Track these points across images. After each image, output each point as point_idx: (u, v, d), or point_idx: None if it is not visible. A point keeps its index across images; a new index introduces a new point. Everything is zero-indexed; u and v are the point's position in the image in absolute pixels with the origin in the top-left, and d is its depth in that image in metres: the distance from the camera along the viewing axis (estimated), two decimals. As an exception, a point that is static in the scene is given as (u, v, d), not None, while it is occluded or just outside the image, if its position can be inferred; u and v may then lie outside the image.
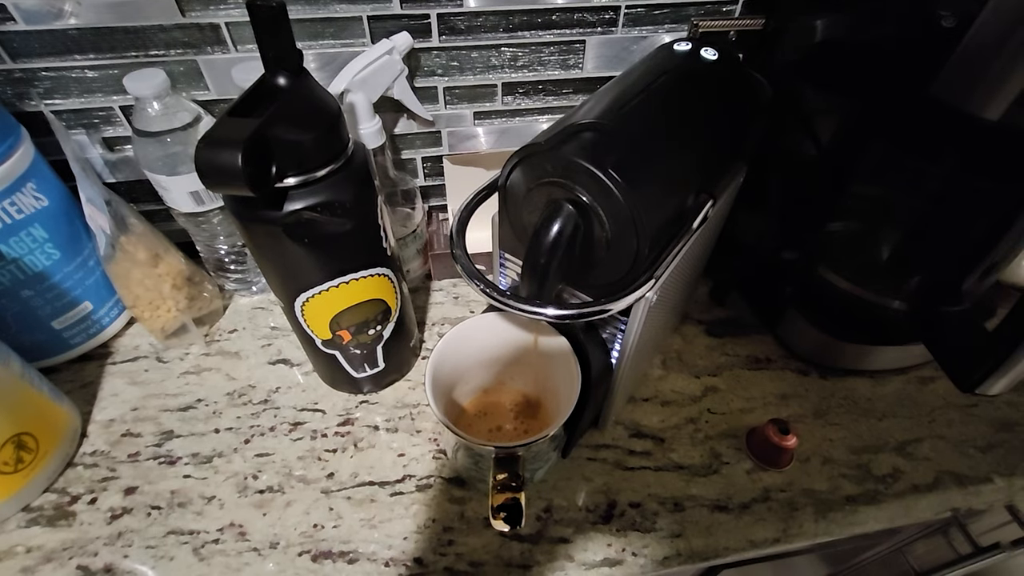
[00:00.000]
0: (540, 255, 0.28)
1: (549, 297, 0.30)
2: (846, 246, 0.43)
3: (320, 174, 0.30)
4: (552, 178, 0.28)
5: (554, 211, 0.28)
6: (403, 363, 0.46)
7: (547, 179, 0.29)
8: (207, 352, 0.48)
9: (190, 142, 0.42)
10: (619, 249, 0.29)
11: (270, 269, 0.35)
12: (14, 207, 0.38)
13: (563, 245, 0.28)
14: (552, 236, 0.27)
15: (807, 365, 0.48)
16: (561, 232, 0.27)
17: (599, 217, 0.28)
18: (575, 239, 0.28)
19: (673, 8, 0.47)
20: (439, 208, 0.58)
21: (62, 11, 0.39)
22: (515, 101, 0.51)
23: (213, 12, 0.41)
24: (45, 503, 0.38)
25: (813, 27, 0.41)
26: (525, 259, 0.29)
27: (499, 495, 0.31)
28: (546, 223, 0.28)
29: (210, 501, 0.39)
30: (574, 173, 0.27)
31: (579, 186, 0.28)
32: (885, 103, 0.36)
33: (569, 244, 0.28)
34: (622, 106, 0.30)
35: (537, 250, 0.28)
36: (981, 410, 0.45)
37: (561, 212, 0.28)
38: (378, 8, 0.43)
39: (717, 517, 0.39)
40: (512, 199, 0.32)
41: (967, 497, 0.40)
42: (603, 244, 0.29)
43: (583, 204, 0.28)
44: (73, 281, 0.43)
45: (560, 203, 0.28)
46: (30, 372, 0.39)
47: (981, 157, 0.33)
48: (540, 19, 0.46)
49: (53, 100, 0.44)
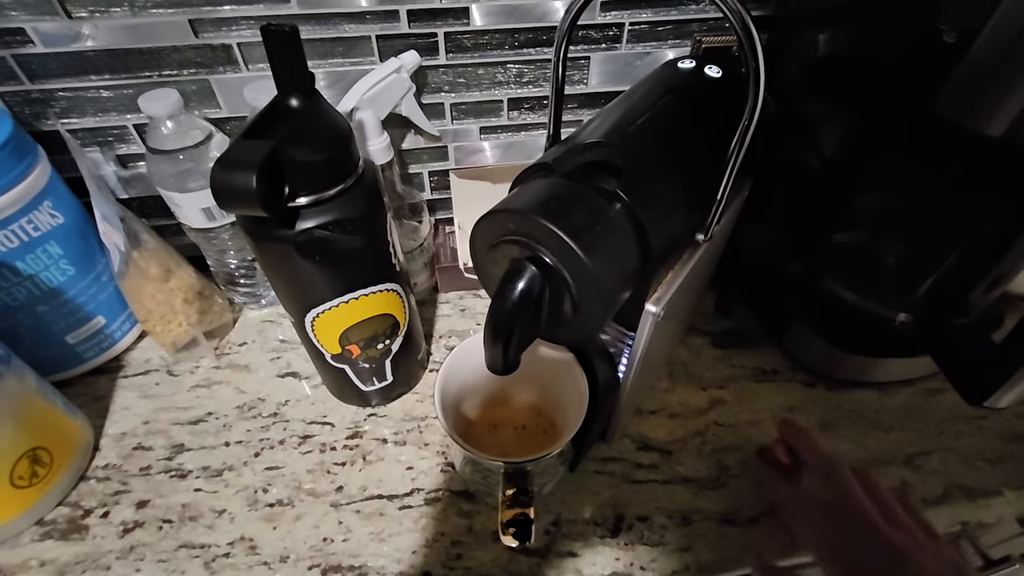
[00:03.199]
0: (501, 319, 0.26)
1: (515, 363, 0.27)
2: (851, 258, 0.43)
3: (331, 193, 0.31)
4: (513, 236, 0.26)
5: (515, 272, 0.25)
6: (411, 376, 0.47)
7: (508, 237, 0.27)
8: (217, 365, 0.49)
9: (202, 159, 0.42)
10: (587, 310, 0.27)
11: (281, 286, 0.36)
12: (31, 225, 0.39)
13: (529, 307, 0.25)
14: (514, 299, 0.25)
15: (814, 377, 0.48)
16: (525, 293, 0.25)
17: (563, 279, 0.26)
18: (541, 299, 0.26)
19: (676, 25, 0.48)
20: (445, 221, 0.59)
21: (80, 34, 0.40)
22: (520, 116, 0.52)
23: (225, 33, 0.42)
24: (58, 517, 0.39)
25: (815, 42, 0.41)
26: (486, 324, 0.26)
27: (509, 510, 0.31)
28: (507, 286, 0.25)
29: (220, 515, 0.39)
30: (536, 231, 0.25)
31: (541, 246, 0.25)
32: (887, 118, 0.36)
33: (534, 305, 0.26)
34: (628, 125, 0.31)
35: (499, 313, 0.25)
36: (990, 422, 0.45)
37: (524, 272, 0.25)
38: (386, 28, 0.44)
39: (725, 531, 0.39)
40: (478, 256, 0.30)
41: (977, 510, 0.40)
42: (572, 304, 0.27)
43: (546, 264, 0.26)
44: (87, 296, 0.44)
45: (522, 262, 0.26)
46: (44, 387, 0.39)
47: (984, 172, 0.34)
48: (545, 36, 0.47)
49: (69, 119, 0.45)
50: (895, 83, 0.35)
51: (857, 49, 0.38)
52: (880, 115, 0.37)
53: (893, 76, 0.35)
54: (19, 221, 0.38)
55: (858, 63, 0.38)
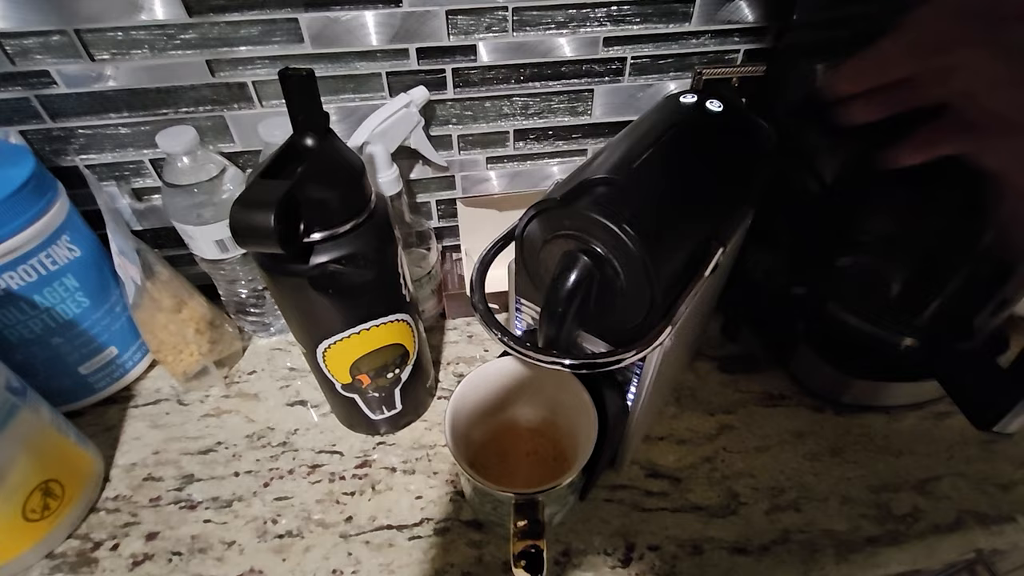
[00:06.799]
0: (557, 303, 0.29)
1: (566, 344, 0.31)
2: (854, 282, 0.43)
3: (345, 229, 0.32)
4: (568, 231, 0.29)
5: (571, 262, 0.29)
6: (420, 404, 0.47)
7: (563, 231, 0.30)
8: (227, 394, 0.49)
9: (216, 192, 0.43)
10: (633, 298, 0.30)
11: (294, 318, 0.36)
12: (49, 259, 0.40)
13: (579, 294, 0.29)
14: (569, 285, 0.29)
15: (821, 401, 0.48)
16: (578, 282, 0.29)
17: (613, 268, 0.29)
18: (591, 288, 0.29)
19: (677, 58, 0.49)
20: (453, 248, 0.59)
21: (102, 75, 0.42)
22: (526, 146, 0.53)
23: (241, 72, 0.44)
24: (68, 549, 0.39)
25: (812, 72, 0.42)
26: (543, 307, 0.30)
27: (520, 542, 0.31)
28: (563, 273, 0.29)
29: (230, 547, 0.39)
30: (589, 226, 0.28)
31: (594, 239, 0.29)
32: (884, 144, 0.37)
33: (585, 293, 0.29)
34: (633, 160, 0.31)
35: (555, 298, 0.29)
36: (1000, 446, 0.45)
37: (577, 263, 0.29)
38: (396, 65, 0.45)
39: (737, 560, 0.38)
40: (529, 249, 0.33)
41: (990, 537, 0.40)
42: (618, 293, 0.30)
43: (598, 255, 0.29)
44: (100, 327, 0.45)
45: (576, 254, 0.29)
46: (58, 419, 0.40)
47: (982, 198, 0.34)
48: (550, 70, 0.48)
49: (88, 155, 0.46)
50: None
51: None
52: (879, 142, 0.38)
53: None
54: (38, 256, 0.39)
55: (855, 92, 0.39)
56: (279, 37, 0.42)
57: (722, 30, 0.48)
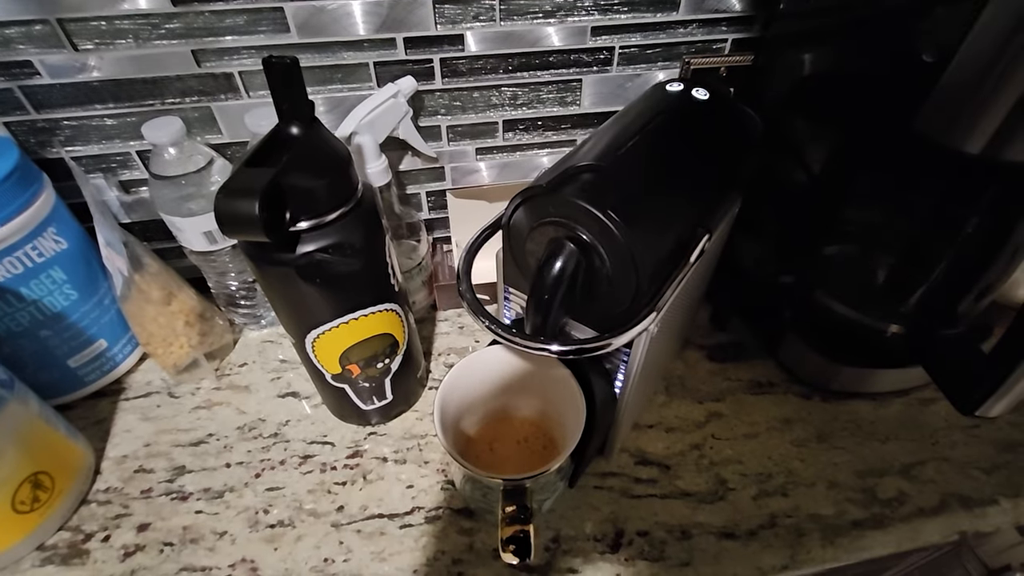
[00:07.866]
0: (544, 290, 0.29)
1: (553, 330, 0.31)
2: (840, 271, 0.44)
3: (331, 217, 0.32)
4: (554, 218, 0.30)
5: (557, 249, 0.29)
6: (410, 394, 0.47)
7: (549, 219, 0.30)
8: (218, 386, 0.49)
9: (203, 184, 0.43)
10: (619, 284, 0.30)
11: (282, 308, 0.36)
12: (35, 251, 0.40)
13: (565, 281, 0.29)
14: (555, 272, 0.29)
15: (809, 389, 0.49)
16: (564, 269, 0.29)
17: (599, 255, 0.29)
18: (577, 275, 0.29)
19: (665, 47, 0.49)
20: (443, 240, 0.59)
21: (86, 65, 0.41)
22: (515, 137, 0.53)
23: (227, 62, 0.44)
24: (59, 541, 0.39)
25: (800, 62, 0.42)
26: (530, 294, 0.30)
27: (508, 527, 0.31)
28: (549, 260, 0.29)
29: (222, 537, 0.39)
30: (575, 213, 0.29)
31: (580, 225, 0.29)
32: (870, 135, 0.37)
33: (571, 280, 0.29)
34: (619, 147, 0.32)
35: (541, 286, 0.29)
36: (984, 431, 0.46)
37: (563, 250, 0.29)
38: (384, 55, 0.45)
39: (725, 544, 0.39)
40: (515, 237, 0.33)
41: (974, 520, 0.40)
42: (604, 280, 0.30)
43: (584, 242, 0.29)
44: (89, 320, 0.45)
45: (562, 241, 0.29)
46: (47, 411, 0.39)
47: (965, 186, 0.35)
48: (538, 60, 0.48)
49: (74, 147, 0.46)
50: (877, 101, 0.36)
51: (840, 68, 0.39)
52: (864, 132, 0.38)
53: (875, 94, 0.36)
54: (24, 248, 0.39)
55: (841, 82, 0.39)
56: (265, 26, 0.42)
57: (710, 19, 0.48)
